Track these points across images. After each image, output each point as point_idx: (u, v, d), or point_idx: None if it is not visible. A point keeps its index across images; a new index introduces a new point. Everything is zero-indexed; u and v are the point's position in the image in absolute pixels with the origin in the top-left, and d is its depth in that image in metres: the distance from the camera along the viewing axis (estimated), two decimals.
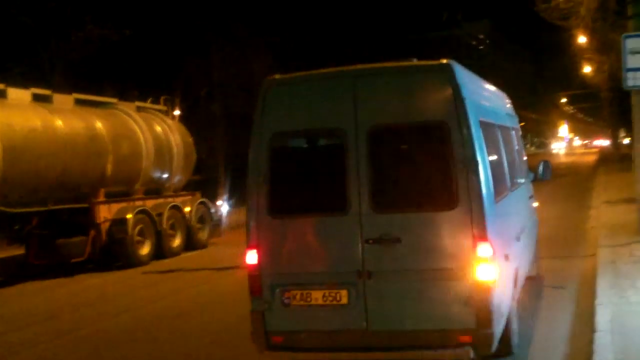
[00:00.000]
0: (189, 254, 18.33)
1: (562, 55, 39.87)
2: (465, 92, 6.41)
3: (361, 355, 6.61)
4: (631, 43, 13.74)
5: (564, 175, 34.51)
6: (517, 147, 9.89)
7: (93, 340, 9.88)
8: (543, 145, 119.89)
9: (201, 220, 19.48)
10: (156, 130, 18.79)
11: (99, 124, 16.67)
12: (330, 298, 6.53)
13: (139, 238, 16.73)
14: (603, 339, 7.25)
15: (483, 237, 6.21)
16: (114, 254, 16.49)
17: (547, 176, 10.99)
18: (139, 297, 13.04)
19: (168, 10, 29.32)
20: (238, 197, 26.33)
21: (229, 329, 9.77)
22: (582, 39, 29.59)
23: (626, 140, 68.14)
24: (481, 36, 71.53)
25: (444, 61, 6.48)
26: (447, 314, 6.30)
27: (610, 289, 9.44)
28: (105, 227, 16.34)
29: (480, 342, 6.25)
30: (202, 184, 22.87)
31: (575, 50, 33.46)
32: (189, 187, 20.79)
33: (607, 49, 25.32)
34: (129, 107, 18.59)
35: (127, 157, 17.38)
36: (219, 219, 20.60)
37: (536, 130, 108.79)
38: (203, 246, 19.23)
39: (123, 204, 17.04)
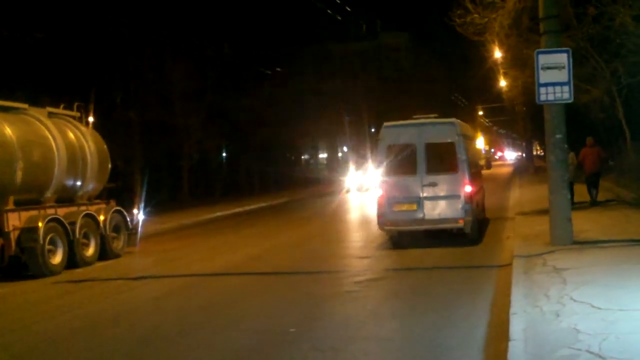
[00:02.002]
0: (103, 263, 17.86)
1: (479, 68, 40.66)
2: (459, 131, 16.50)
3: (421, 227, 16.70)
4: (544, 59, 14.05)
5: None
6: (476, 151, 19.59)
7: None
8: None
9: (116, 229, 19.10)
10: (69, 137, 18.26)
11: (8, 130, 16.08)
12: (410, 207, 16.43)
13: (50, 247, 16.20)
14: (517, 348, 7.36)
15: (467, 183, 16.12)
16: (24, 263, 15.95)
17: (489, 167, 30.98)
18: (47, 308, 12.49)
19: (83, 14, 28.58)
20: (154, 206, 25.83)
21: (144, 341, 9.49)
22: (498, 54, 30.25)
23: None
24: (400, 48, 72.84)
25: (453, 119, 17.08)
26: (454, 211, 16.09)
27: (525, 298, 9.59)
28: (14, 235, 15.73)
29: (465, 223, 16.07)
30: (118, 192, 22.29)
31: (491, 64, 34.17)
32: (104, 195, 20.25)
33: (521, 64, 25.94)
34: (40, 113, 17.95)
35: (38, 164, 16.83)
36: (135, 228, 20.15)
37: None
38: (118, 255, 18.82)
39: (33, 212, 16.47)
